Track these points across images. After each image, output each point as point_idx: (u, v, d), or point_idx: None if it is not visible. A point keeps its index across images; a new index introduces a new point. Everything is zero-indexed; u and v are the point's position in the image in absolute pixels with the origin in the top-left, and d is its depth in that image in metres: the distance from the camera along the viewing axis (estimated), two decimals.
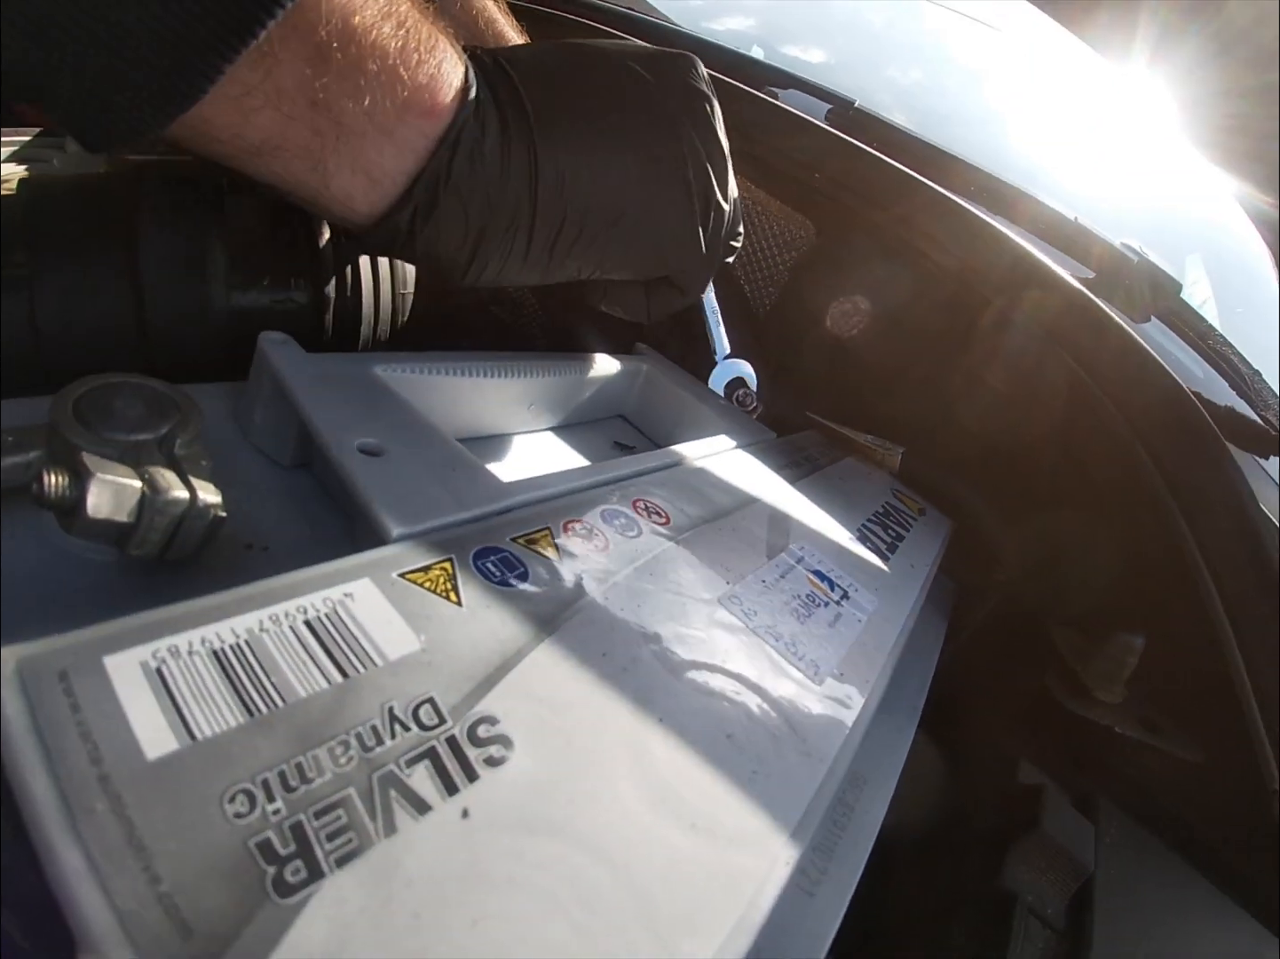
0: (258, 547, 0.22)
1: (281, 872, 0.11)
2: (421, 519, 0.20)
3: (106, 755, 0.12)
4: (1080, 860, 0.28)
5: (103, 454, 0.18)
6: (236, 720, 0.13)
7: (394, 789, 0.13)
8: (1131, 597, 0.39)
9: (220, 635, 0.14)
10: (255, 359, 0.25)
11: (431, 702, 0.14)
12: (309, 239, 0.37)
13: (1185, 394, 0.36)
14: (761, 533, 0.28)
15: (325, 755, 0.13)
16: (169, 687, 0.13)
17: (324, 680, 0.14)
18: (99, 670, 0.13)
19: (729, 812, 0.16)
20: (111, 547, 0.19)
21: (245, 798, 0.12)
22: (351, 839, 0.12)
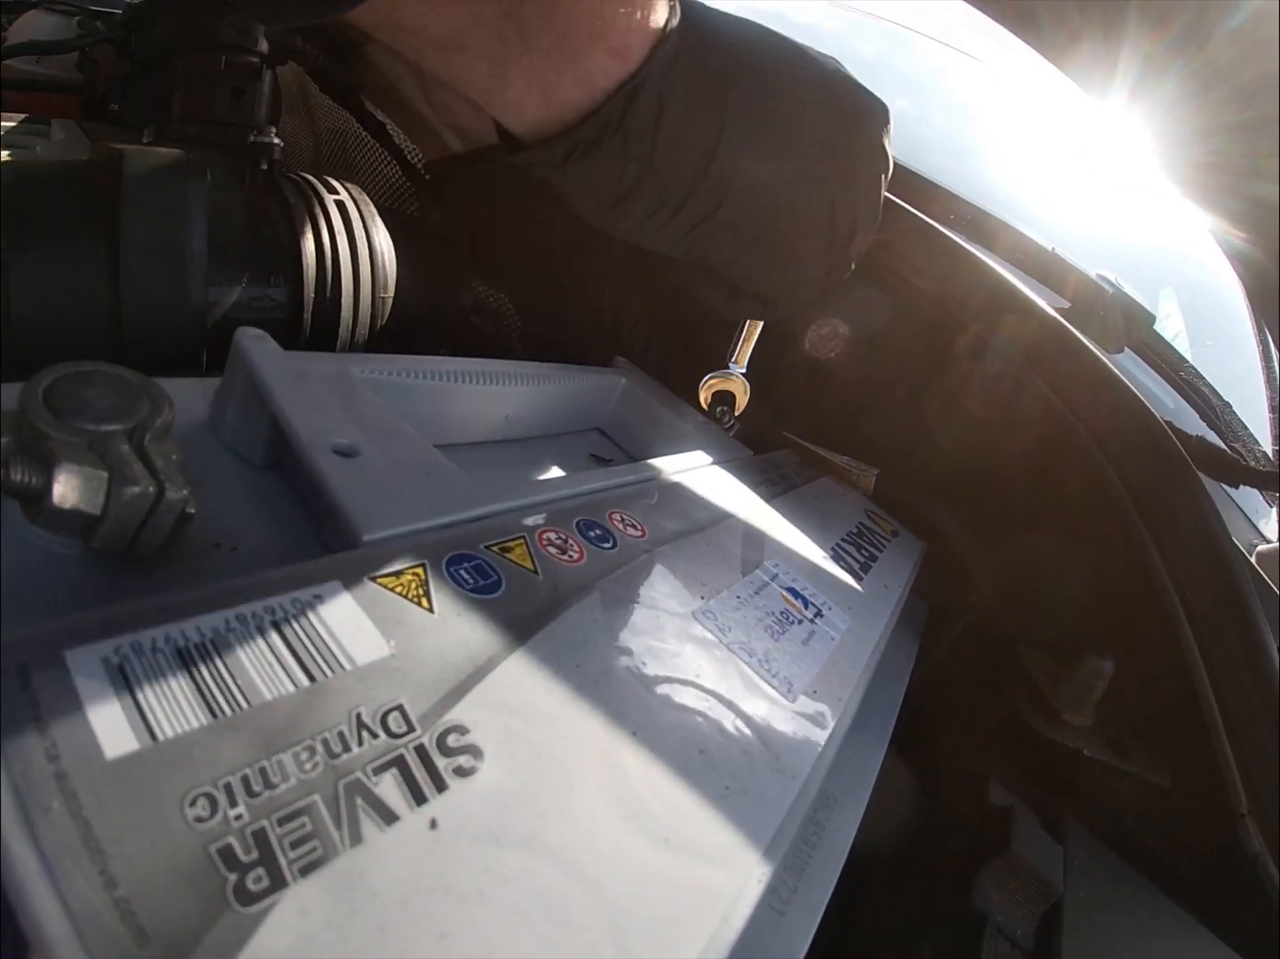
0: (225, 546, 0.21)
1: (243, 879, 0.11)
2: (394, 523, 0.19)
3: (64, 752, 0.11)
4: (1049, 882, 0.28)
5: (71, 443, 0.17)
6: (200, 721, 0.12)
7: (360, 797, 0.12)
8: (1102, 621, 0.39)
9: (185, 634, 0.14)
10: (231, 354, 0.24)
11: (400, 709, 0.14)
12: (291, 238, 0.37)
13: (1158, 422, 0.37)
14: (736, 549, 0.28)
15: (290, 761, 0.12)
16: (131, 684, 0.13)
17: (290, 684, 0.14)
18: (59, 664, 0.13)
19: (701, 828, 0.16)
20: (76, 539, 0.19)
21: (207, 802, 0.11)
22: (316, 848, 0.12)
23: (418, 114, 0.41)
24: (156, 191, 0.32)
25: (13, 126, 0.68)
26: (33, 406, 0.19)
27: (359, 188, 0.40)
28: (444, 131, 0.43)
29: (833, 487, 0.42)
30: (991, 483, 0.45)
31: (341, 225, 0.38)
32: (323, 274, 0.37)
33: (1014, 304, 0.43)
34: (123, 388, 0.20)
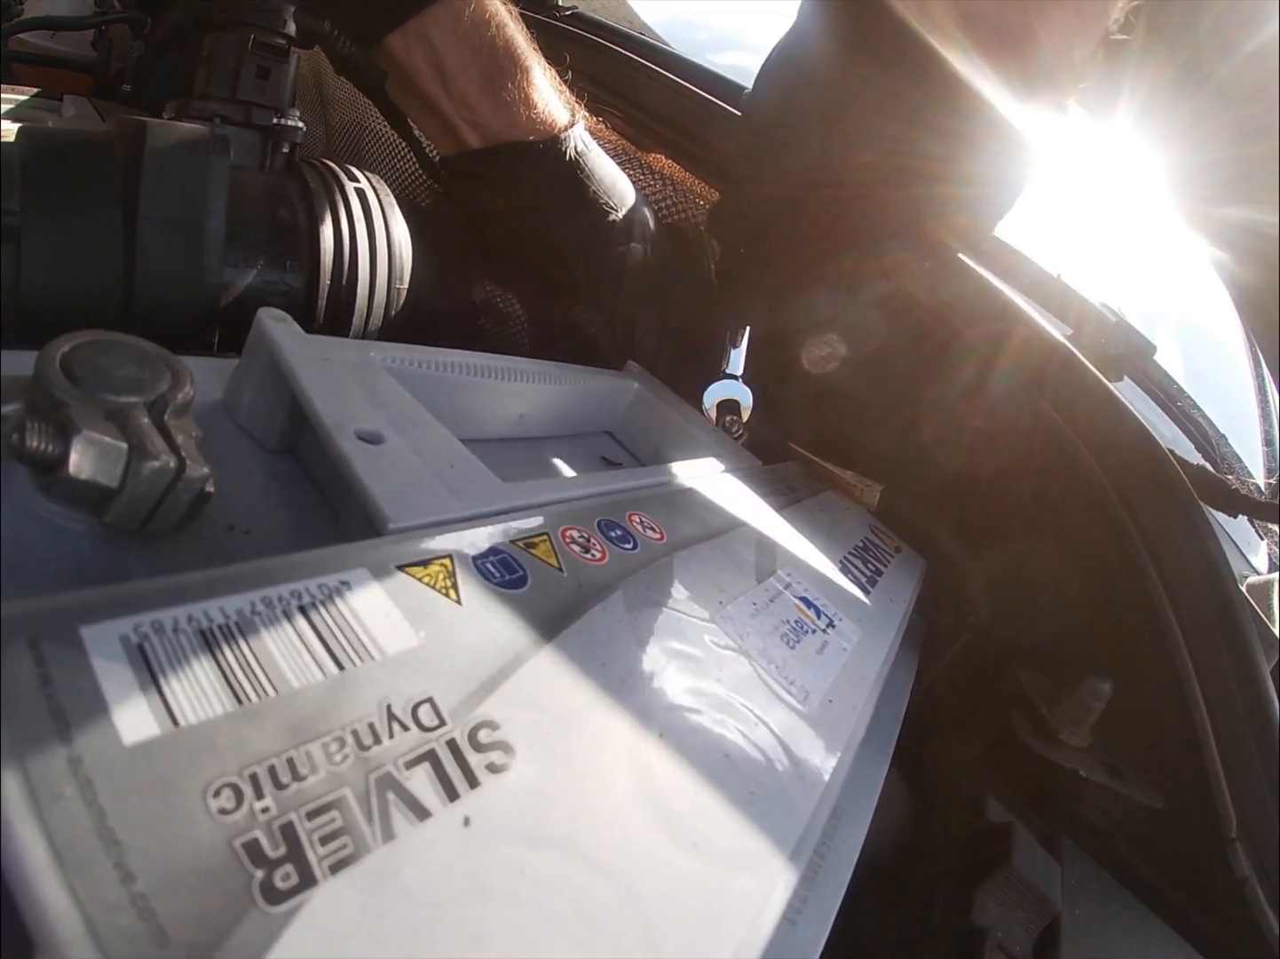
0: (239, 529, 0.20)
1: (270, 876, 0.10)
2: (421, 514, 0.19)
3: (78, 736, 0.11)
4: (1049, 898, 0.28)
5: (90, 413, 0.17)
6: (224, 708, 0.12)
7: (392, 792, 0.12)
8: (1100, 643, 0.39)
9: (209, 614, 0.13)
10: (251, 334, 0.23)
11: (431, 702, 0.13)
12: (310, 223, 0.36)
13: (1160, 449, 0.37)
14: (750, 556, 0.27)
15: (319, 752, 0.12)
16: (151, 666, 0.12)
17: (319, 672, 0.13)
18: (75, 641, 0.12)
19: (728, 833, 0.15)
20: (87, 513, 0.18)
21: (232, 793, 0.11)
22: (347, 844, 0.11)
23: (435, 108, 0.41)
24: (179, 166, 0.31)
25: (25, 100, 0.66)
26: (49, 373, 0.18)
27: (379, 179, 0.39)
28: (462, 127, 0.42)
29: (838, 500, 0.42)
30: (992, 503, 0.45)
31: (361, 214, 0.37)
32: (340, 261, 0.36)
33: (1020, 327, 0.43)
34: (143, 360, 0.19)
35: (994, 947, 0.26)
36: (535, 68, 0.42)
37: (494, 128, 0.41)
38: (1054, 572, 0.41)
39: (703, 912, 0.13)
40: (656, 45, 0.73)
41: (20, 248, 0.29)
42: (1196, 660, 0.35)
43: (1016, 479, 0.44)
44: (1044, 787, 0.36)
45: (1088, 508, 0.39)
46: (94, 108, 0.70)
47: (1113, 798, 0.36)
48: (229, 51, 0.37)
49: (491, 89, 0.41)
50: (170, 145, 0.29)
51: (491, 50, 0.40)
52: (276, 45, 0.37)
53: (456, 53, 0.40)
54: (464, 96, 0.41)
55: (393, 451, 0.21)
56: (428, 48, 0.39)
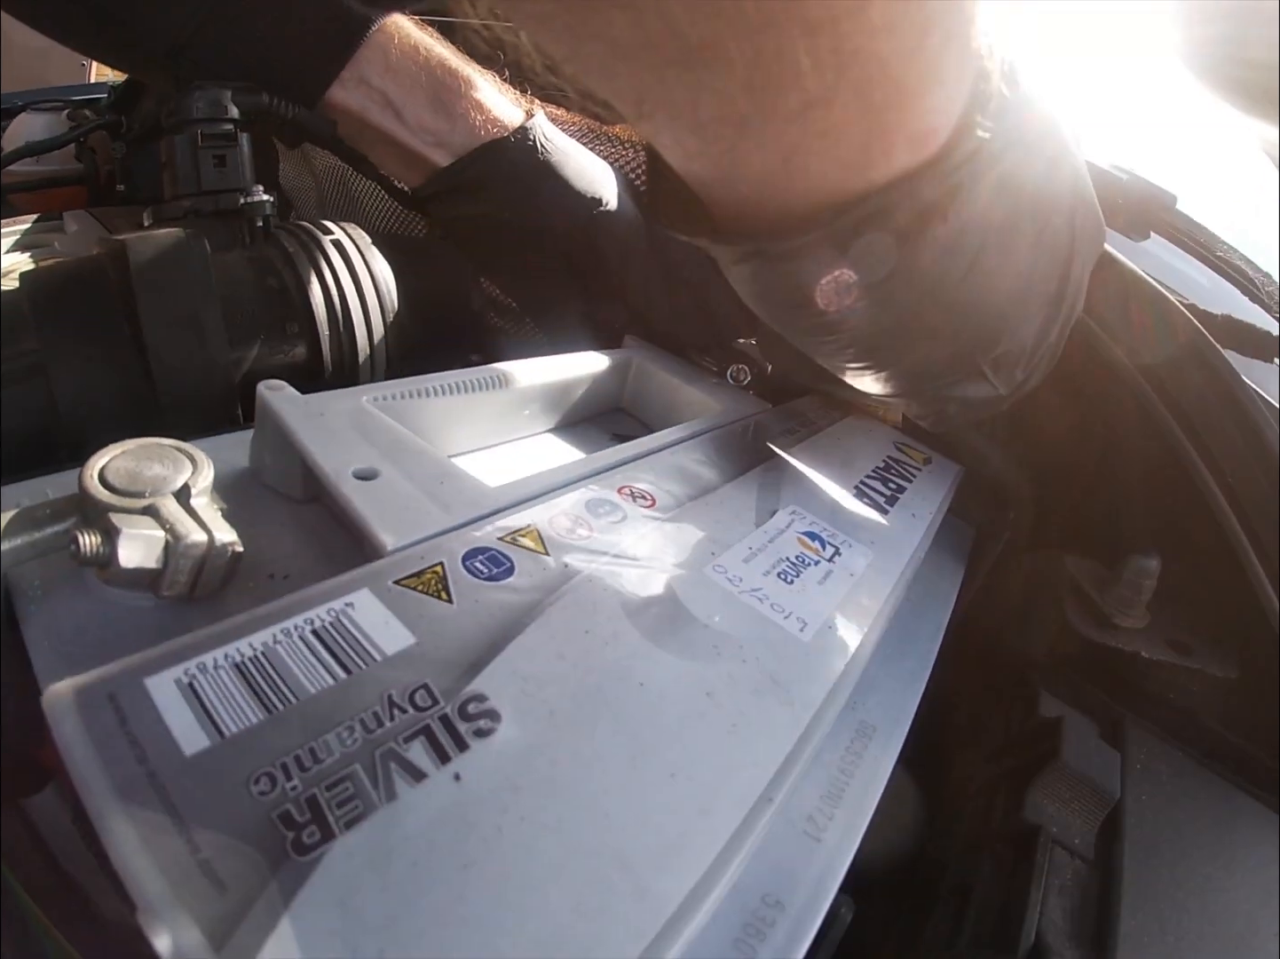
0: (279, 575, 0.24)
1: (299, 835, 0.13)
2: (414, 532, 0.22)
3: (151, 756, 0.14)
4: (1105, 788, 0.29)
5: (128, 511, 0.21)
6: (257, 717, 0.15)
7: (393, 762, 0.15)
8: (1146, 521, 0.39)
9: (240, 650, 0.17)
10: (256, 407, 0.27)
11: (426, 687, 0.17)
12: (297, 284, 0.40)
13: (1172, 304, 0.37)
14: (750, 502, 0.29)
15: (334, 739, 0.15)
16: (200, 697, 0.16)
17: (330, 678, 0.16)
18: (141, 690, 0.16)
19: (707, 762, 0.18)
20: (146, 591, 0.22)
21: (268, 779, 0.14)
22: (358, 805, 0.14)
23: (395, 141, 0.44)
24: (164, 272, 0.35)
25: (28, 228, 0.73)
26: (90, 487, 0.22)
27: (352, 224, 0.43)
28: (427, 150, 0.45)
29: (858, 424, 0.43)
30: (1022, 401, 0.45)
31: (341, 262, 0.40)
32: (332, 311, 0.40)
33: None
34: (166, 457, 0.23)
35: (1048, 842, 0.27)
36: (476, 76, 0.45)
37: (458, 141, 0.44)
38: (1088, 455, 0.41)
39: (677, 829, 0.16)
40: None
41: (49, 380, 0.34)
42: (1247, 528, 0.34)
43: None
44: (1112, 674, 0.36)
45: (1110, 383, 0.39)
46: (94, 218, 0.75)
47: (1188, 675, 0.37)
48: (184, 151, 0.41)
49: (443, 107, 0.44)
50: (152, 257, 0.33)
51: (429, 73, 0.43)
52: (224, 132, 0.41)
53: (398, 84, 0.43)
54: (420, 122, 0.44)
55: (387, 483, 0.24)
56: (368, 89, 0.42)
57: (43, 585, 0.23)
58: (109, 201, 0.88)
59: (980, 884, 0.28)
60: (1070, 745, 0.29)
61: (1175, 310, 0.38)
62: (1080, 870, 0.28)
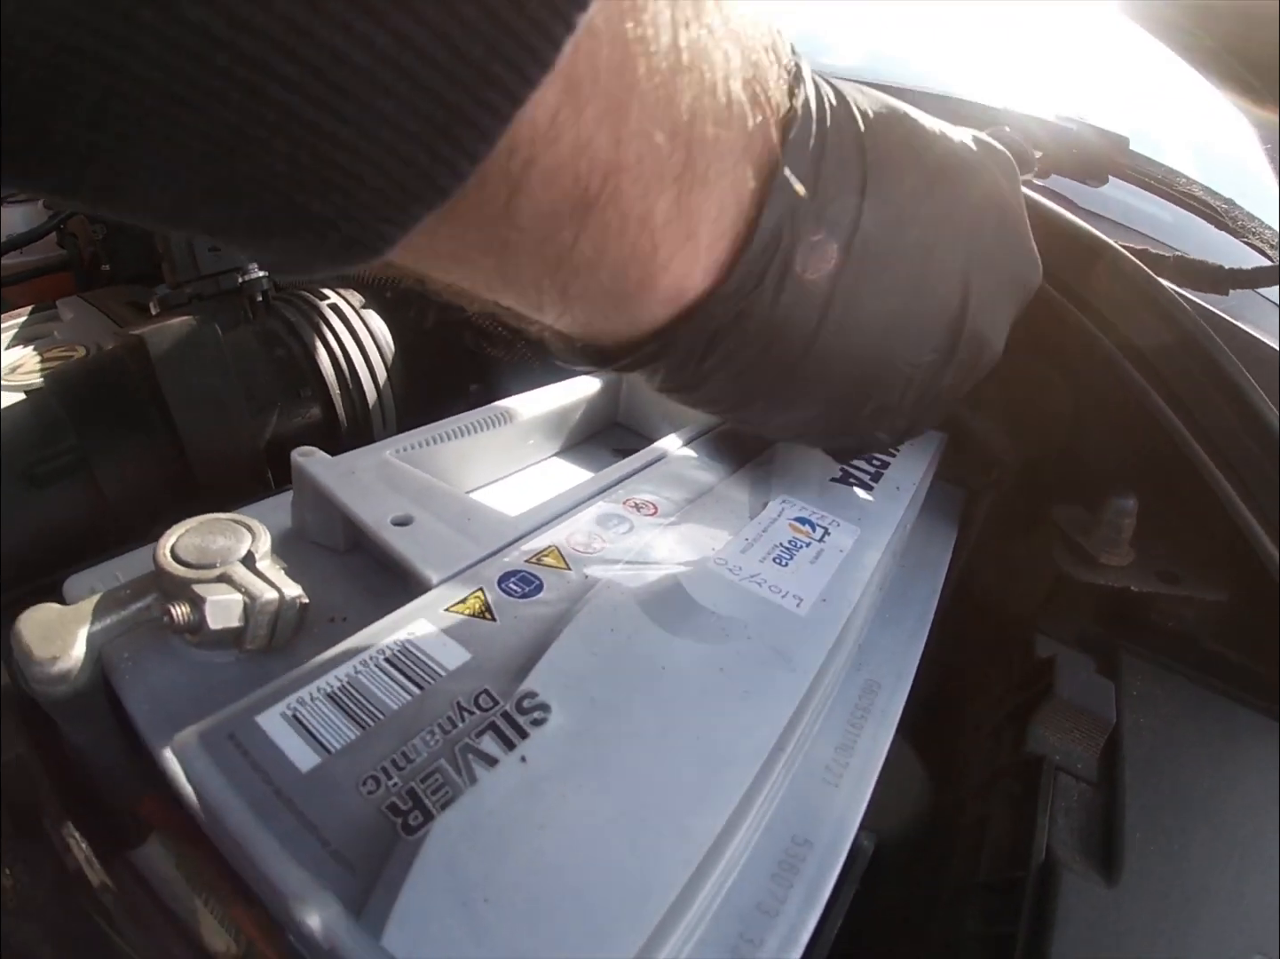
0: (338, 619, 0.28)
1: (406, 819, 0.17)
2: (452, 565, 0.26)
3: (275, 776, 0.18)
4: (1101, 715, 0.32)
5: (206, 581, 0.24)
6: (354, 734, 0.19)
7: (470, 754, 0.19)
8: (1120, 464, 0.43)
9: (329, 683, 0.20)
10: (293, 474, 0.31)
11: (486, 691, 0.20)
12: (304, 350, 0.44)
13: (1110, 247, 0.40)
14: (744, 497, 0.33)
15: (419, 742, 0.19)
16: (304, 724, 0.19)
17: (406, 695, 0.20)
18: (254, 726, 0.19)
19: (725, 725, 0.21)
20: (230, 649, 0.26)
21: (373, 780, 0.18)
22: (448, 791, 0.18)
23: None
24: (183, 358, 0.39)
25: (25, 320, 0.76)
26: (168, 565, 0.26)
27: (345, 288, 0.47)
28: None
29: None
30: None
31: (342, 325, 0.44)
32: (340, 372, 0.44)
33: None
34: (226, 529, 0.27)
35: (1051, 769, 0.31)
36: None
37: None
38: (1064, 407, 0.44)
39: (705, 778, 0.20)
40: None
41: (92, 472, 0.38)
42: (1217, 458, 0.37)
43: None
44: (1105, 612, 0.39)
45: (1078, 342, 0.42)
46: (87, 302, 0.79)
47: (1181, 603, 0.40)
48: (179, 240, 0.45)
49: None
50: (170, 346, 0.37)
51: None
52: None
53: None
54: None
55: (421, 526, 0.28)
56: None
57: (132, 658, 0.27)
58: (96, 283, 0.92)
59: (994, 816, 0.31)
60: (1064, 679, 0.33)
61: (1124, 259, 0.41)
62: (1085, 792, 0.31)
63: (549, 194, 0.17)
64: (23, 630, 0.25)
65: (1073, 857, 0.28)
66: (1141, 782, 0.31)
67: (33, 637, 0.25)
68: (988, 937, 0.26)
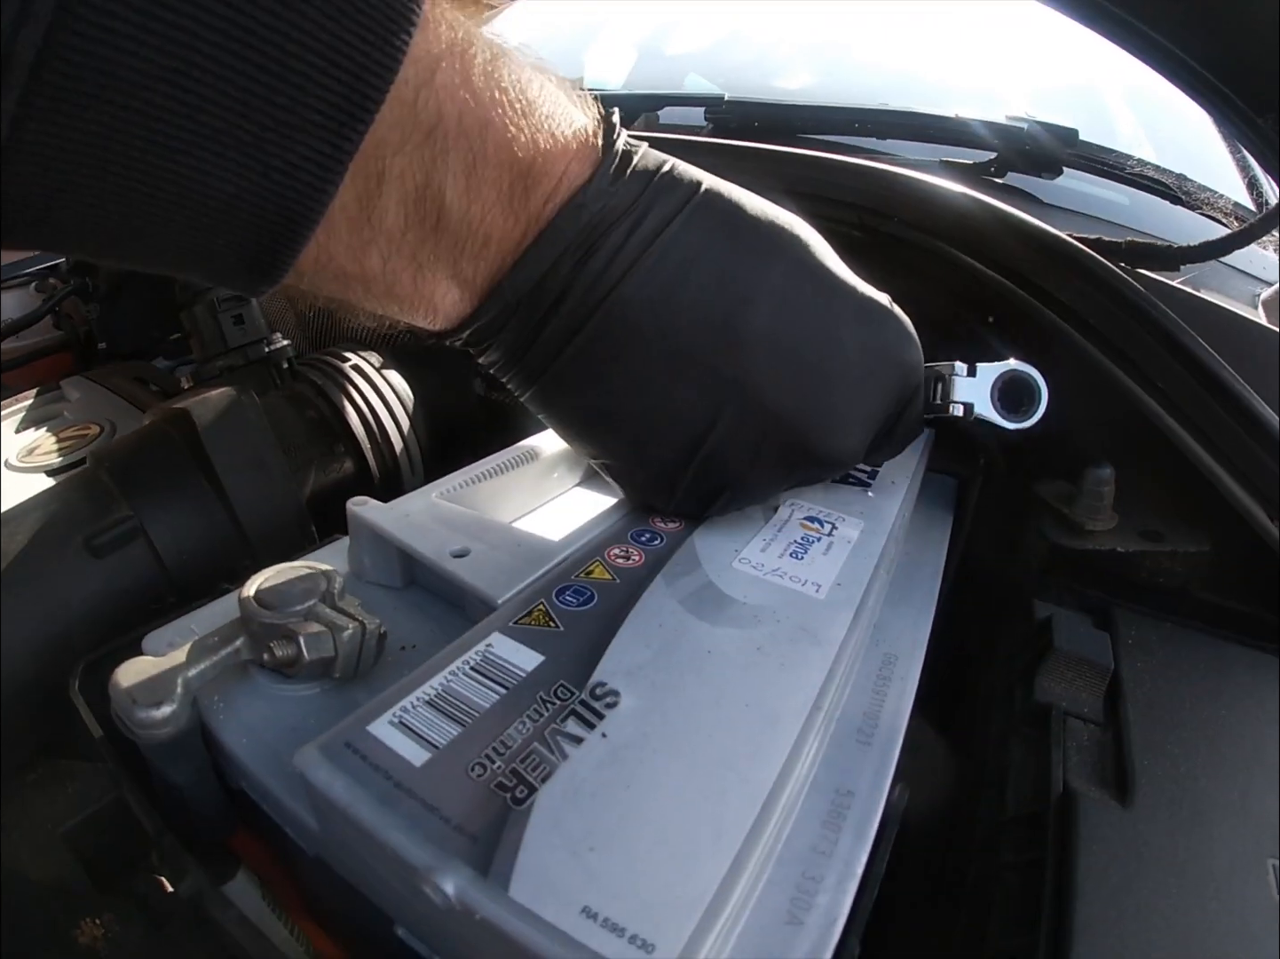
0: (408, 646, 0.32)
1: (513, 793, 0.21)
2: (513, 585, 0.30)
3: (393, 773, 0.22)
4: (1099, 662, 0.36)
5: (299, 620, 0.28)
6: (456, 731, 0.23)
7: (559, 736, 0.22)
8: (1094, 435, 0.47)
9: (426, 692, 0.24)
10: (350, 523, 0.35)
11: (563, 684, 0.24)
12: (334, 410, 0.48)
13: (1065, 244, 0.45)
14: (758, 504, 0.37)
15: (514, 732, 0.23)
16: (410, 728, 0.23)
17: (495, 694, 0.24)
18: (367, 734, 0.23)
19: (767, 692, 0.25)
20: (317, 681, 0.29)
21: (479, 766, 0.22)
22: (546, 767, 0.21)
23: None
24: (227, 426, 0.43)
25: (30, 403, 0.78)
26: (254, 611, 0.29)
27: (360, 349, 0.51)
28: None
29: None
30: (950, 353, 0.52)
31: (365, 384, 0.48)
32: (369, 428, 0.48)
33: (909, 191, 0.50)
34: (303, 575, 0.31)
35: (1061, 715, 0.34)
36: None
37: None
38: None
39: (757, 735, 0.23)
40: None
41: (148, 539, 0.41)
42: (1182, 419, 0.41)
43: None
44: (1100, 576, 0.43)
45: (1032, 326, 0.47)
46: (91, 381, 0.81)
47: (1168, 558, 0.44)
48: (205, 319, 0.49)
49: None
50: (214, 417, 0.41)
51: None
52: (234, 295, 0.49)
53: None
54: None
55: (478, 556, 0.32)
56: None
57: (222, 699, 0.30)
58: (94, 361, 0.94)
59: (1014, 763, 0.35)
60: (1061, 634, 0.37)
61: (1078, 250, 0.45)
62: (1094, 732, 0.35)
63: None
64: (122, 680, 0.28)
65: (1088, 786, 0.32)
66: (1144, 717, 0.34)
67: (134, 686, 0.28)
68: (1020, 864, 0.30)
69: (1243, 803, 0.31)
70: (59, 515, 0.41)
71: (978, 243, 0.47)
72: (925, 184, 0.50)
